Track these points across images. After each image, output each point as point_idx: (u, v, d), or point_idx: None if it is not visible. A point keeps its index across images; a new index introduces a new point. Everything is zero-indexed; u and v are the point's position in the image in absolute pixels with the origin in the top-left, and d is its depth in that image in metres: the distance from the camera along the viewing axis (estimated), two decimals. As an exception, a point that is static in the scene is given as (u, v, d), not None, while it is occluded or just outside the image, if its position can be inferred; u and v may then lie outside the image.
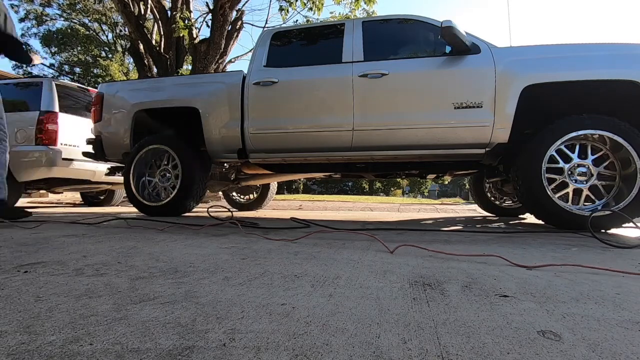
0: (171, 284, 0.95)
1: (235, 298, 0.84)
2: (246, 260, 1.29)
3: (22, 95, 4.52)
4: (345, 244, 1.69)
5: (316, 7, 7.35)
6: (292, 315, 0.73)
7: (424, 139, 2.67)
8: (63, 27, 21.06)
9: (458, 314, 0.75)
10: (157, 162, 3.40)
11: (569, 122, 2.36)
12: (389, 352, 0.57)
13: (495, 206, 4.11)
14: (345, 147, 2.85)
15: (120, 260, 1.25)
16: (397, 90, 2.72)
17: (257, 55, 3.14)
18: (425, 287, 0.96)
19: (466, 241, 1.87)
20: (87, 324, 0.67)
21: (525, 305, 0.80)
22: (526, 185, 2.41)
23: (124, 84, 3.88)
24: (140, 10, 8.90)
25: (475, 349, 0.58)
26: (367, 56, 2.84)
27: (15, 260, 1.24)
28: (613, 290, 0.94)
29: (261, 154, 3.09)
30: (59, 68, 22.33)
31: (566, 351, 0.58)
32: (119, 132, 3.40)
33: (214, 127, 3.13)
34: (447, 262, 1.29)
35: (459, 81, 2.60)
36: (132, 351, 0.57)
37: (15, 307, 0.76)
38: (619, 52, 2.40)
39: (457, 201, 16.59)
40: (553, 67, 2.43)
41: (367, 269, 1.16)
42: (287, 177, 4.07)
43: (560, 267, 1.21)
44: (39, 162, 4.10)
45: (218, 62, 7.91)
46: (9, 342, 0.59)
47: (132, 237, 1.82)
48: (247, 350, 0.57)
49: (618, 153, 2.33)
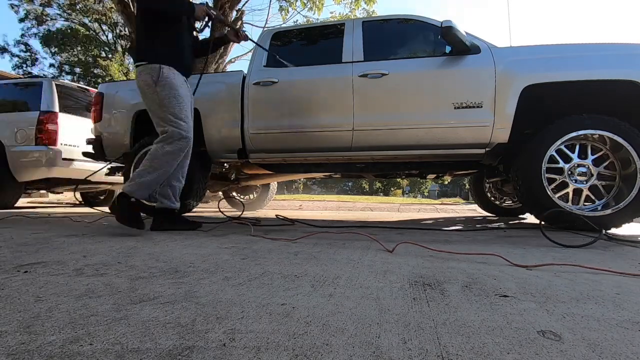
0: (171, 284, 0.95)
1: (235, 298, 0.84)
2: (246, 260, 1.29)
3: (22, 95, 4.52)
4: (345, 244, 1.69)
5: (316, 7, 7.35)
6: (292, 315, 0.73)
7: (424, 139, 2.67)
8: (63, 27, 21.06)
9: (458, 314, 0.75)
10: (157, 162, 3.39)
11: (569, 122, 2.36)
12: (389, 352, 0.57)
13: (495, 206, 4.11)
14: (345, 147, 2.85)
15: (120, 260, 1.25)
16: (397, 90, 2.72)
17: (257, 55, 3.14)
18: (425, 287, 0.96)
19: (466, 241, 1.87)
20: (87, 324, 0.67)
21: (525, 305, 0.80)
22: (526, 185, 2.41)
23: (124, 84, 3.88)
24: (140, 11, 8.88)
25: (475, 349, 0.58)
26: (367, 56, 2.83)
27: (15, 260, 1.24)
28: (613, 290, 0.94)
29: (261, 154, 3.09)
30: (59, 68, 22.34)
31: (566, 351, 0.58)
32: (119, 132, 3.40)
33: (214, 127, 3.13)
34: (447, 262, 1.29)
35: (459, 81, 2.60)
36: (132, 351, 0.57)
37: (15, 307, 0.76)
38: (619, 52, 2.40)
39: (457, 201, 16.58)
40: (553, 67, 2.43)
41: (367, 269, 1.16)
42: (287, 177, 4.07)
43: (560, 267, 1.21)
44: (39, 162, 4.10)
45: (218, 62, 7.91)
46: (9, 342, 0.59)
47: (132, 237, 1.82)
48: (247, 350, 0.57)
49: (618, 153, 2.32)
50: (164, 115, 2.11)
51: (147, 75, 2.09)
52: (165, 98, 2.09)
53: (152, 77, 2.08)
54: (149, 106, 2.17)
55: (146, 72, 2.09)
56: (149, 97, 2.13)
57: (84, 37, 21.25)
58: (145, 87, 2.11)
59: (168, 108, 2.10)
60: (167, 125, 2.11)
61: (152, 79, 2.08)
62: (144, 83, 2.11)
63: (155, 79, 2.08)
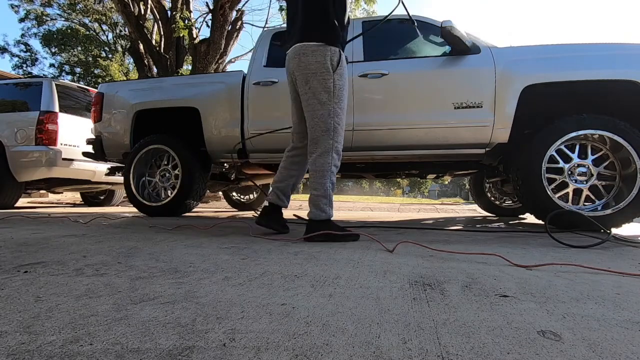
0: (171, 284, 0.95)
1: (235, 298, 0.84)
2: (246, 260, 1.29)
3: (22, 95, 4.53)
4: (345, 244, 1.69)
5: (316, 7, 7.33)
6: (292, 315, 0.73)
7: (424, 139, 2.68)
8: (63, 28, 21.06)
9: (458, 314, 0.75)
10: (157, 162, 3.40)
11: (569, 122, 2.36)
12: (389, 352, 0.57)
13: (495, 206, 4.11)
14: (345, 147, 2.84)
15: (120, 260, 1.25)
16: (397, 90, 2.72)
17: (257, 55, 3.14)
18: (426, 287, 0.96)
19: (466, 241, 1.87)
20: (87, 324, 0.67)
21: (525, 305, 0.80)
22: (526, 185, 2.41)
23: (124, 84, 3.88)
24: (140, 11, 8.90)
25: (475, 349, 0.58)
26: (367, 56, 2.84)
27: (15, 260, 1.24)
28: (613, 290, 0.94)
29: (261, 154, 3.09)
30: (60, 68, 22.34)
31: (566, 351, 0.58)
32: (119, 132, 3.40)
33: (214, 127, 3.13)
34: (447, 262, 1.29)
35: (459, 81, 2.60)
36: (132, 351, 0.57)
37: (15, 307, 0.76)
38: (619, 52, 2.40)
39: (457, 201, 16.58)
40: (553, 67, 2.43)
41: (367, 269, 1.16)
42: (287, 177, 4.06)
43: (560, 267, 1.21)
44: (39, 162, 4.11)
45: (218, 62, 7.91)
46: (9, 342, 0.59)
47: (132, 237, 1.82)
48: (247, 350, 0.57)
49: (618, 153, 2.33)
50: (333, 108, 1.81)
51: (324, 57, 1.78)
52: (341, 88, 1.82)
53: (331, 60, 1.79)
54: (314, 93, 1.81)
55: (324, 53, 1.78)
56: (317, 82, 1.80)
57: (84, 37, 21.26)
58: (320, 69, 1.78)
59: (341, 101, 1.83)
60: (331, 119, 1.81)
61: (330, 62, 1.79)
62: (318, 65, 1.78)
63: (335, 64, 1.80)
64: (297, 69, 1.85)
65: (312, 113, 1.83)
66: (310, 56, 1.79)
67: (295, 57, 1.84)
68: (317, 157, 1.84)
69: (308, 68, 1.80)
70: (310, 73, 1.80)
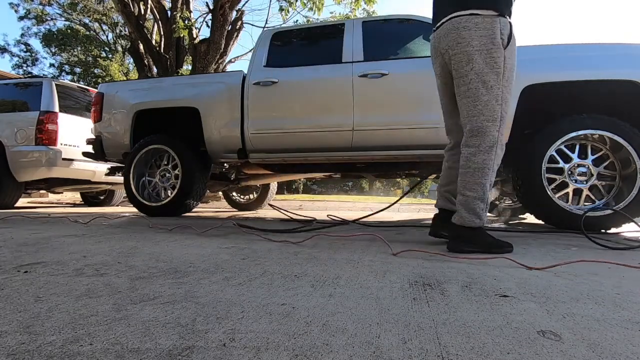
0: (171, 284, 0.95)
1: (235, 298, 0.84)
2: (246, 260, 1.29)
3: (22, 95, 4.53)
4: (345, 244, 1.69)
5: (316, 7, 7.35)
6: (292, 315, 0.73)
7: (424, 139, 2.68)
8: (63, 27, 21.07)
9: (458, 314, 0.75)
10: (157, 162, 3.40)
11: (569, 122, 2.36)
12: (389, 352, 0.57)
13: (494, 206, 4.11)
14: (346, 147, 2.85)
15: (120, 260, 1.25)
16: (397, 90, 2.72)
17: (257, 55, 3.14)
18: (425, 287, 0.96)
19: (466, 241, 1.86)
20: (87, 324, 0.67)
21: (525, 305, 0.80)
22: (526, 185, 2.41)
23: (124, 84, 3.88)
24: (140, 10, 8.90)
25: (475, 349, 0.58)
26: (367, 56, 2.84)
27: (15, 260, 1.24)
28: (613, 290, 0.94)
29: (261, 154, 3.10)
30: (60, 68, 22.35)
31: (566, 351, 0.58)
32: (119, 132, 3.40)
33: (214, 127, 3.13)
34: (447, 262, 1.29)
35: (459, 81, 2.59)
36: (132, 351, 0.57)
37: (15, 307, 0.76)
38: (619, 52, 2.40)
39: (457, 201, 16.48)
40: (553, 67, 2.43)
41: (367, 269, 1.16)
42: (287, 177, 4.07)
43: (560, 267, 1.21)
44: (39, 162, 4.11)
45: (218, 62, 7.91)
46: (9, 342, 0.59)
47: (132, 237, 1.82)
48: (247, 350, 0.57)
49: (618, 153, 2.32)
50: (502, 92, 1.46)
51: (490, 31, 1.41)
52: (512, 69, 1.48)
53: (501, 34, 1.42)
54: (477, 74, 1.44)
55: (490, 26, 1.41)
56: (484, 61, 1.43)
57: (84, 37, 21.27)
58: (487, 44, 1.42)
59: (509, 84, 1.48)
60: (499, 105, 1.46)
61: (500, 37, 1.42)
62: (486, 40, 1.42)
63: (506, 39, 1.43)
64: (454, 46, 1.48)
65: (474, 99, 1.48)
66: (474, 30, 1.43)
67: (452, 31, 1.47)
68: (478, 152, 1.49)
69: (471, 44, 1.43)
70: (475, 50, 1.43)
